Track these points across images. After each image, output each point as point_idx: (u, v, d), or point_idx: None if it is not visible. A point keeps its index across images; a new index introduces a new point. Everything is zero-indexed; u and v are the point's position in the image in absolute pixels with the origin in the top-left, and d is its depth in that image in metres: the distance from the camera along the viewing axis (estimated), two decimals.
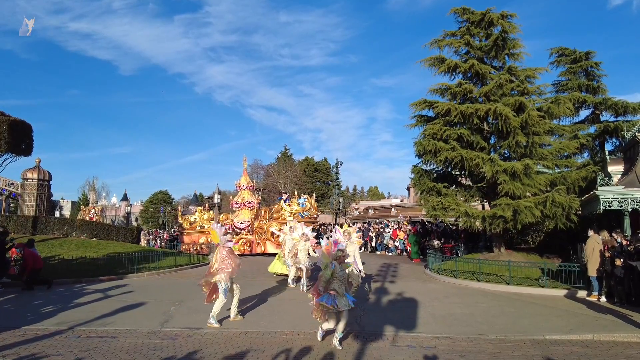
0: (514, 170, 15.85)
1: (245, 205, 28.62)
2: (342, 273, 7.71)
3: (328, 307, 7.39)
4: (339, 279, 7.59)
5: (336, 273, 7.61)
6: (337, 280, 7.55)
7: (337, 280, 7.57)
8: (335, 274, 7.59)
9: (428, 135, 18.00)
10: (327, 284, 7.56)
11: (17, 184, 25.32)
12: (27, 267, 14.10)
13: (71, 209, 75.66)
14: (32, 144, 24.70)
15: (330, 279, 7.56)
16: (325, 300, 7.39)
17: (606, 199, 14.78)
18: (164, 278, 17.10)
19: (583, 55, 22.71)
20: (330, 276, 7.56)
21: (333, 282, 7.54)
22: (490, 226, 16.44)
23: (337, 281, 7.56)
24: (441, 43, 19.03)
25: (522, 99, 16.88)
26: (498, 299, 11.96)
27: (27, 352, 7.20)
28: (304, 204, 27.61)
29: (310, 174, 70.75)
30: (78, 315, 9.95)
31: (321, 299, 7.46)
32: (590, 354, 7.20)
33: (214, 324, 9.00)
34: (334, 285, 7.53)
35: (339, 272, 7.66)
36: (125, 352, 7.18)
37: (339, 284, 7.57)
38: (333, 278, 7.54)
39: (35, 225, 22.33)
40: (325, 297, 7.42)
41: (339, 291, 7.52)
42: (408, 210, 48.08)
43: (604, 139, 21.81)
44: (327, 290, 7.52)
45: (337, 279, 7.56)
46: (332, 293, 7.46)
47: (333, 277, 7.55)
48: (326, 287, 7.57)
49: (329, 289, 7.52)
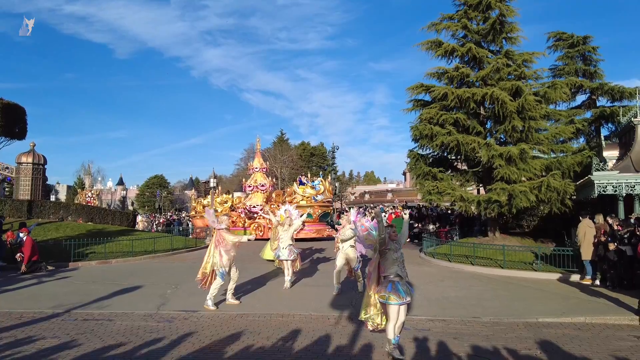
0: (510, 155, 15.88)
1: (258, 188, 28.03)
2: (400, 253, 6.42)
3: (398, 298, 6.00)
4: (400, 260, 6.35)
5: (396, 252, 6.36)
6: (399, 262, 6.30)
7: (399, 261, 6.32)
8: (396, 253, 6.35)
9: (424, 120, 17.96)
10: (390, 265, 6.22)
11: (12, 168, 25.16)
12: (28, 253, 14.04)
13: (67, 193, 75.52)
14: (26, 128, 24.53)
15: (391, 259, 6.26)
16: (391, 290, 6.05)
17: (601, 184, 14.84)
18: (160, 262, 17.15)
19: (580, 40, 22.61)
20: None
21: (395, 264, 6.24)
22: (485, 210, 16.53)
23: (399, 263, 6.31)
24: (438, 26, 18.88)
25: (519, 84, 16.83)
26: (492, 283, 12.08)
27: (23, 334, 7.24)
28: (318, 186, 26.37)
29: (307, 159, 70.60)
30: (74, 298, 9.98)
31: (389, 288, 6.06)
32: (582, 336, 7.30)
33: (210, 306, 8.96)
34: (396, 268, 6.23)
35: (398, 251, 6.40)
36: (121, 334, 7.22)
37: (401, 267, 6.31)
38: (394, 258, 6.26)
39: (31, 210, 22.27)
40: (390, 285, 6.09)
41: (403, 276, 6.26)
42: (404, 195, 48.24)
43: (600, 124, 21.84)
44: (388, 276, 6.17)
45: (398, 259, 6.31)
46: (395, 280, 6.13)
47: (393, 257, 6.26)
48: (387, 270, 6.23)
49: (389, 275, 6.17)
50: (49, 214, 22.86)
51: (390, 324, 6.01)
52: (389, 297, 5.96)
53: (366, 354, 6.27)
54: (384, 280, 6.21)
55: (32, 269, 13.93)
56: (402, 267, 6.28)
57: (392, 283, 6.07)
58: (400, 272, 6.18)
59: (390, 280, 6.11)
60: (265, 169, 30.31)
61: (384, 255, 6.28)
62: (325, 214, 26.68)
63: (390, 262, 6.21)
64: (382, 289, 6.13)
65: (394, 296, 5.96)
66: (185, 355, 6.17)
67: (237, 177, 69.95)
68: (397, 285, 6.06)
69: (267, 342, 6.79)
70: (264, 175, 29.26)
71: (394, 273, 6.14)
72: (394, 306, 5.96)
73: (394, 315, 6.00)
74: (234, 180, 67.29)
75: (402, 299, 5.98)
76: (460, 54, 18.18)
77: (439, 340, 6.87)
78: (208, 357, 6.11)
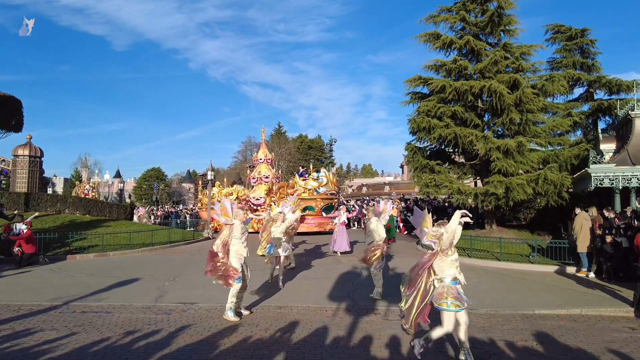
0: (507, 148, 15.91)
1: (262, 180, 27.09)
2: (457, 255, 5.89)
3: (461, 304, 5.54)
4: (458, 262, 5.83)
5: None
6: (457, 264, 5.81)
7: (458, 263, 5.83)
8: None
9: (422, 113, 17.96)
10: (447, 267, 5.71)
11: (8, 161, 25.06)
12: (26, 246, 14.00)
13: (64, 186, 75.30)
14: (22, 120, 24.34)
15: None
16: (451, 294, 5.56)
17: (597, 177, 14.91)
18: (157, 254, 17.16)
19: (579, 33, 22.59)
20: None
21: (453, 266, 5.72)
22: (483, 203, 16.59)
23: (458, 265, 5.82)
24: (436, 19, 18.84)
25: (516, 76, 16.84)
26: (489, 275, 12.13)
27: (22, 327, 7.25)
28: (322, 178, 25.60)
29: (304, 152, 70.49)
30: (72, 291, 9.99)
31: (449, 293, 5.57)
32: (577, 328, 7.35)
33: (231, 317, 7.60)
34: (455, 270, 5.73)
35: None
36: (120, 326, 7.24)
37: (459, 270, 5.82)
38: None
39: (28, 202, 22.21)
40: (449, 290, 5.62)
41: (460, 280, 5.79)
42: (401, 188, 48.34)
43: (597, 117, 21.89)
44: (444, 279, 5.71)
45: (456, 261, 5.80)
46: (453, 284, 5.66)
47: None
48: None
49: (446, 277, 5.69)
50: (46, 207, 22.80)
51: (442, 331, 5.60)
52: (451, 303, 5.50)
53: (364, 345, 6.30)
54: (439, 284, 5.72)
55: (30, 262, 13.91)
56: (459, 269, 5.80)
57: (451, 287, 5.62)
58: (458, 276, 5.74)
59: (447, 284, 5.65)
60: (270, 160, 29.41)
61: (444, 255, 5.71)
62: (329, 206, 25.72)
63: (448, 263, 5.69)
64: (442, 294, 5.60)
65: (456, 301, 5.52)
66: (184, 347, 6.19)
67: (234, 170, 69.91)
68: (457, 289, 5.65)
69: (265, 333, 6.82)
70: (269, 167, 28.36)
71: (451, 276, 5.68)
72: (452, 313, 5.53)
73: (451, 322, 5.55)
74: (232, 173, 67.23)
75: (464, 303, 5.57)
76: (458, 46, 18.16)
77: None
78: (206, 349, 6.13)
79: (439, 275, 5.72)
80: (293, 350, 6.08)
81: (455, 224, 5.67)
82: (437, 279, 5.75)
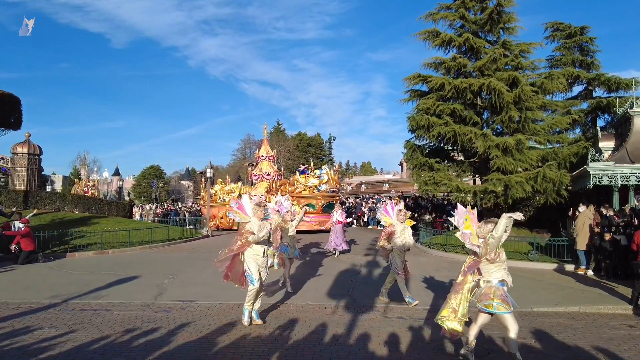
0: (506, 146, 15.90)
1: (264, 178, 26.88)
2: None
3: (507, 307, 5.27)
4: (505, 263, 5.56)
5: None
6: (505, 265, 5.53)
7: (505, 265, 5.55)
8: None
9: (421, 110, 17.95)
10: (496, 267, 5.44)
11: (7, 159, 25.05)
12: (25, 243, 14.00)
13: (63, 184, 75.26)
14: (21, 118, 24.25)
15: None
16: (497, 296, 5.32)
17: (596, 175, 14.92)
18: (156, 252, 17.17)
19: (578, 31, 22.57)
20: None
21: (501, 268, 5.47)
22: (482, 201, 16.58)
23: (505, 266, 5.54)
24: (436, 16, 18.80)
25: (515, 74, 16.82)
26: None
27: (21, 324, 7.26)
28: (323, 176, 25.21)
29: (303, 149, 70.45)
30: (71, 289, 10.00)
31: (495, 295, 5.31)
32: (576, 325, 7.37)
33: (257, 320, 7.25)
34: (503, 272, 5.48)
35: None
36: (119, 324, 7.25)
37: (507, 271, 5.55)
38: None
39: (27, 200, 22.20)
40: (495, 292, 5.37)
41: (508, 282, 5.54)
42: (400, 186, 48.33)
43: (596, 115, 21.90)
44: (491, 282, 5.44)
45: (504, 262, 5.53)
46: (499, 286, 5.42)
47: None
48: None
49: (493, 280, 5.44)
50: (45, 205, 22.79)
51: (512, 334, 5.25)
52: (497, 305, 5.24)
53: (363, 343, 6.32)
54: (484, 286, 5.47)
55: (28, 260, 13.91)
56: (507, 271, 5.52)
57: (498, 288, 5.36)
58: (506, 278, 5.45)
59: (494, 286, 5.39)
60: (273, 157, 29.09)
61: (489, 262, 5.44)
62: (329, 204, 25.30)
63: (496, 265, 5.42)
64: (488, 295, 5.36)
65: (503, 304, 5.24)
66: (183, 345, 6.20)
67: (233, 168, 69.85)
68: (504, 291, 5.38)
69: (264, 331, 6.84)
70: (271, 164, 28.04)
71: (499, 278, 5.41)
72: (507, 315, 5.25)
73: (514, 322, 5.27)
74: (231, 171, 67.15)
75: (511, 307, 5.27)
76: (458, 44, 18.14)
77: (435, 330, 6.93)
78: (205, 347, 6.14)
79: (485, 277, 5.49)
80: (292, 348, 6.09)
81: (503, 230, 5.26)
82: (483, 280, 5.52)
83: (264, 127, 30.96)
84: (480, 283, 5.54)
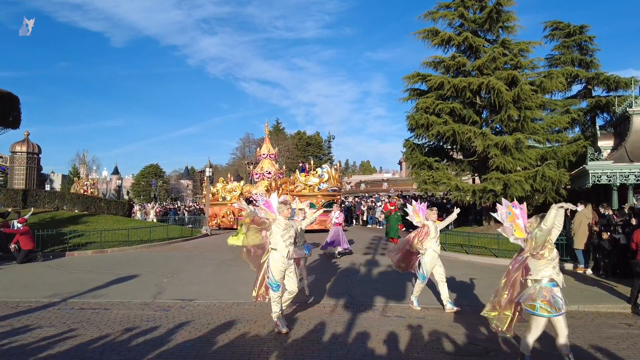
0: (505, 145, 15.92)
1: (265, 176, 26.78)
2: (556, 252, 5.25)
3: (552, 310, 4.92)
4: (556, 261, 5.21)
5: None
6: (555, 263, 5.18)
7: (556, 262, 5.20)
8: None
9: (420, 109, 17.97)
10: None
11: (6, 157, 25.03)
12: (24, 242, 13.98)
13: (62, 183, 75.25)
14: (20, 117, 24.22)
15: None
16: (544, 297, 4.96)
17: (595, 174, 14.93)
18: (156, 251, 17.16)
19: (577, 29, 22.58)
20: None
21: (550, 265, 5.11)
22: (481, 200, 16.61)
23: (556, 264, 5.19)
24: (435, 15, 18.83)
25: (515, 73, 16.84)
26: (486, 272, 12.16)
27: (20, 323, 7.25)
28: (323, 174, 24.91)
29: (303, 148, 70.42)
30: (70, 287, 9.99)
31: (541, 295, 4.97)
32: (575, 324, 7.37)
33: (280, 329, 6.69)
34: (551, 270, 5.10)
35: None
36: (118, 323, 7.24)
37: (557, 269, 5.19)
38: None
39: (26, 199, 22.18)
40: (542, 292, 5.01)
41: (559, 281, 5.15)
42: (400, 185, 48.31)
43: (595, 113, 21.92)
44: (540, 280, 5.07)
45: (554, 260, 5.17)
46: (548, 286, 5.05)
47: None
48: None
49: (541, 278, 5.07)
50: (44, 204, 22.77)
51: (531, 337, 5.08)
52: (540, 306, 4.92)
53: (362, 342, 6.32)
54: (531, 286, 5.14)
55: (27, 259, 13.90)
56: (558, 269, 5.16)
57: (545, 289, 5.01)
58: (556, 277, 5.08)
59: (542, 285, 5.04)
60: (274, 155, 28.99)
61: (536, 258, 5.13)
62: (329, 203, 24.49)
63: (544, 262, 5.08)
64: (532, 295, 5.03)
65: (547, 306, 4.91)
66: (182, 343, 6.20)
67: (232, 167, 69.82)
68: (552, 292, 5.02)
69: (263, 330, 6.84)
70: (272, 162, 27.90)
71: (547, 277, 5.05)
72: (543, 319, 4.97)
73: (540, 328, 5.03)
74: (230, 170, 67.15)
75: (557, 310, 4.91)
76: (457, 43, 18.16)
77: (434, 329, 6.93)
78: (204, 345, 6.14)
79: (534, 276, 5.12)
80: (291, 347, 6.10)
81: (552, 222, 4.94)
82: (531, 279, 5.15)
83: (265, 125, 30.93)
84: (527, 282, 5.21)
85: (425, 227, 8.38)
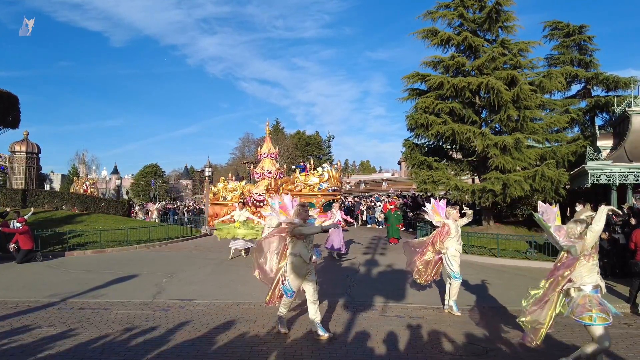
0: (505, 144, 15.93)
1: (265, 176, 26.54)
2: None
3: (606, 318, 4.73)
4: (599, 266, 5.05)
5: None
6: (598, 268, 5.01)
7: (598, 267, 5.03)
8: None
9: (420, 109, 17.98)
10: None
11: (5, 157, 25.00)
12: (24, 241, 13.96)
13: (61, 182, 75.21)
14: (19, 116, 24.23)
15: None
16: (596, 306, 4.76)
17: (594, 174, 14.94)
18: (155, 251, 17.16)
19: (576, 29, 22.59)
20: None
21: (594, 271, 4.94)
22: (480, 199, 16.62)
23: (599, 269, 5.03)
24: (434, 15, 18.84)
25: (514, 73, 16.85)
26: (486, 271, 12.17)
27: (19, 323, 7.25)
28: (324, 173, 24.57)
29: (302, 148, 70.43)
30: (70, 287, 9.99)
31: (593, 304, 4.76)
32: (573, 324, 7.35)
33: (279, 328, 6.70)
34: (596, 276, 4.94)
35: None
36: (117, 323, 7.25)
37: (600, 275, 5.02)
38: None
39: (25, 199, 22.18)
40: (592, 300, 4.81)
41: (602, 287, 4.99)
42: (399, 184, 48.35)
43: (594, 113, 21.92)
44: (584, 287, 4.88)
45: (597, 265, 5.02)
46: (595, 293, 4.87)
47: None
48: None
49: (587, 284, 4.89)
50: (43, 203, 22.77)
51: (598, 348, 4.79)
52: (597, 317, 4.67)
53: (361, 341, 6.33)
54: (576, 293, 4.92)
55: (27, 258, 13.89)
56: (600, 275, 4.93)
57: (593, 297, 4.80)
58: (601, 283, 4.88)
59: (587, 293, 4.83)
60: (275, 154, 29.04)
61: (585, 260, 4.90)
62: (330, 203, 25.31)
63: (589, 268, 4.87)
64: (584, 306, 4.78)
65: (603, 314, 4.69)
66: (181, 343, 6.21)
67: (232, 166, 69.79)
68: (600, 299, 4.81)
69: (263, 329, 6.84)
70: (273, 162, 27.91)
71: (593, 284, 4.84)
72: (602, 327, 4.72)
73: (604, 336, 4.74)
74: (229, 170, 67.15)
75: (610, 316, 4.73)
76: (456, 42, 18.17)
77: (433, 329, 6.94)
78: (204, 345, 6.14)
79: (577, 283, 4.89)
80: (290, 346, 6.10)
81: (602, 223, 4.78)
82: (574, 288, 4.92)
83: (266, 124, 30.83)
84: (571, 292, 4.97)
85: (446, 226, 7.95)
